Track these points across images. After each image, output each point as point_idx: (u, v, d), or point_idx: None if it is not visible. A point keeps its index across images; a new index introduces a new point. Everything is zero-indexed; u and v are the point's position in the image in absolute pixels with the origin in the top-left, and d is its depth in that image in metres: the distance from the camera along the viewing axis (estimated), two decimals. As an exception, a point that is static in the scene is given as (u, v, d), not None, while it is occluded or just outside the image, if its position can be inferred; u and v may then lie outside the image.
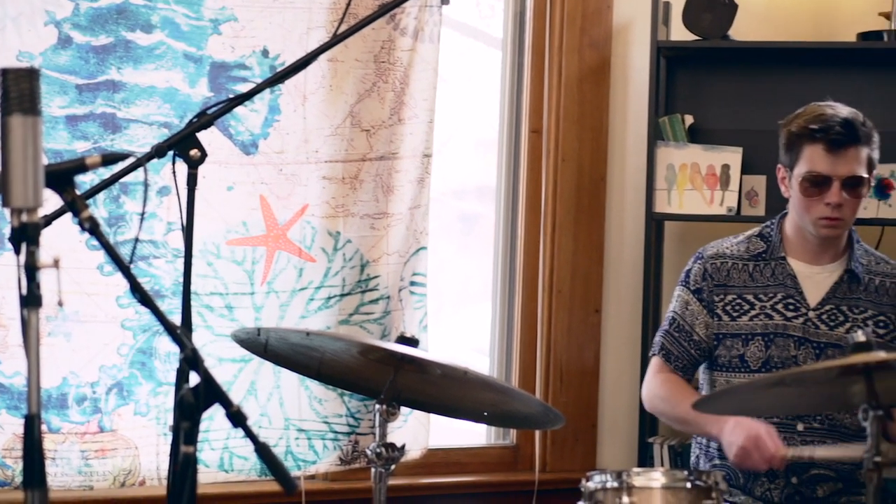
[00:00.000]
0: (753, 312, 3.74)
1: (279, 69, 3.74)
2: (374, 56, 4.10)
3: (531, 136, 4.73)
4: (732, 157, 4.56)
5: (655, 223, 4.67)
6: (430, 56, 4.19)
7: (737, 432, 3.44)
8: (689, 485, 2.67)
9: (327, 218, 4.07)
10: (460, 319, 4.97)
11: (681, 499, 2.66)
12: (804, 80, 4.59)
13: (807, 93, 4.08)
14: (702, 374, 3.88)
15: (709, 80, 4.74)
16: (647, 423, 4.54)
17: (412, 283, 4.20)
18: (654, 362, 3.87)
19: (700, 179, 4.57)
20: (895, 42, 4.51)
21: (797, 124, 3.68)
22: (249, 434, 2.21)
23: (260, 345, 3.00)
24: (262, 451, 2.20)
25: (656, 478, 2.68)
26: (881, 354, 2.50)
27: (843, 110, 3.65)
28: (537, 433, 4.70)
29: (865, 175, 3.64)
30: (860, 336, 2.54)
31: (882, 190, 4.46)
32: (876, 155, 3.69)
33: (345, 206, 4.09)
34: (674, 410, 3.75)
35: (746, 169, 4.57)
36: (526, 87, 4.75)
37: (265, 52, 3.95)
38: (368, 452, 2.87)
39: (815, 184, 3.63)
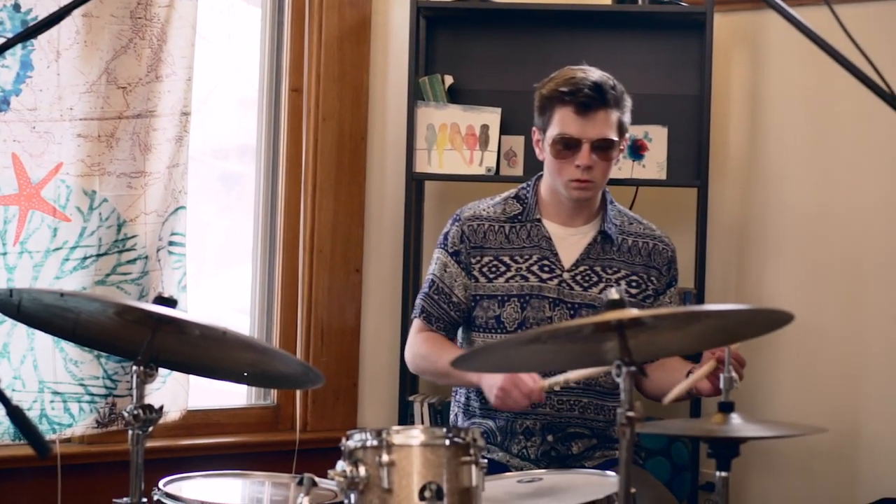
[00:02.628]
0: (509, 274, 3.78)
1: (31, 23, 3.64)
2: (130, 12, 4.02)
3: (291, 94, 4.71)
4: (491, 117, 4.61)
5: (416, 183, 4.71)
6: (188, 12, 4.13)
7: (495, 374, 3.48)
8: (447, 442, 2.68)
9: (82, 177, 3.99)
10: (222, 279, 4.93)
11: (439, 455, 2.67)
12: (562, 42, 4.67)
13: (564, 55, 4.14)
14: (461, 334, 3.91)
15: (468, 40, 4.77)
16: (408, 381, 4.58)
17: (171, 243, 4.15)
18: (416, 325, 3.89)
19: (460, 139, 4.61)
20: (650, 5, 4.60)
21: (549, 87, 3.73)
22: (1, 398, 2.16)
23: (12, 306, 2.92)
24: (15, 414, 2.15)
25: (415, 435, 2.68)
26: (633, 311, 2.55)
27: (594, 74, 3.70)
28: (298, 393, 4.70)
29: (615, 138, 3.70)
30: (613, 294, 2.58)
31: (636, 150, 4.56)
32: (627, 118, 3.75)
33: (101, 165, 4.01)
34: (435, 365, 3.77)
35: (505, 129, 4.63)
36: (286, 46, 4.73)
37: (16, 6, 3.84)
38: (125, 414, 2.82)
39: (566, 146, 3.68)
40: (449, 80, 4.68)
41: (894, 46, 4.25)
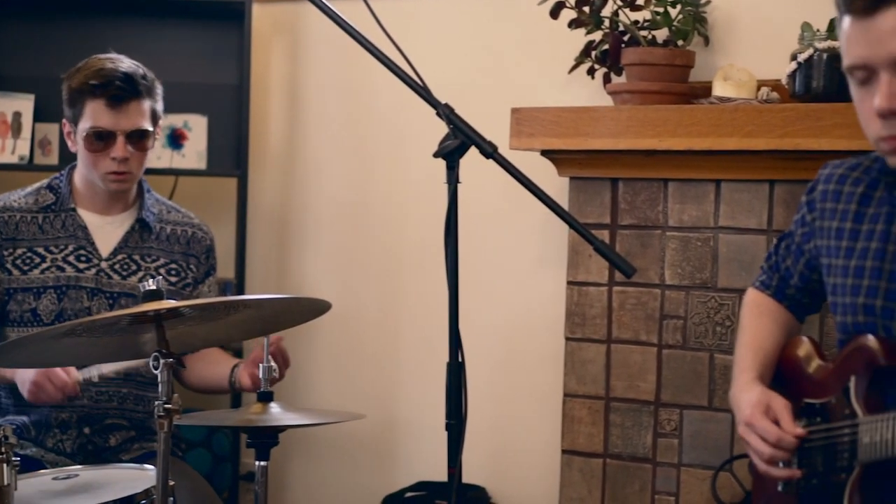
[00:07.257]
0: (45, 265, 3.69)
1: None
2: None
3: None
4: (24, 104, 4.50)
5: (-56, 171, 4.53)
6: None
7: (28, 369, 3.38)
8: (-26, 442, 2.59)
9: None
10: None
11: (-33, 456, 2.58)
12: (98, 29, 4.59)
13: (101, 41, 4.06)
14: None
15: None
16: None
17: None
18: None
19: (-9, 126, 4.47)
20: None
21: (78, 80, 3.64)
22: None
23: None
24: None
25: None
26: (170, 302, 2.54)
27: (123, 64, 3.63)
28: None
29: (150, 128, 3.65)
30: (151, 284, 2.57)
31: (175, 140, 4.52)
32: (160, 107, 3.71)
33: None
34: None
35: (39, 116, 4.52)
36: None
37: None
38: None
39: (100, 138, 3.62)
40: (-22, 65, 4.54)
41: (427, 40, 4.39)
